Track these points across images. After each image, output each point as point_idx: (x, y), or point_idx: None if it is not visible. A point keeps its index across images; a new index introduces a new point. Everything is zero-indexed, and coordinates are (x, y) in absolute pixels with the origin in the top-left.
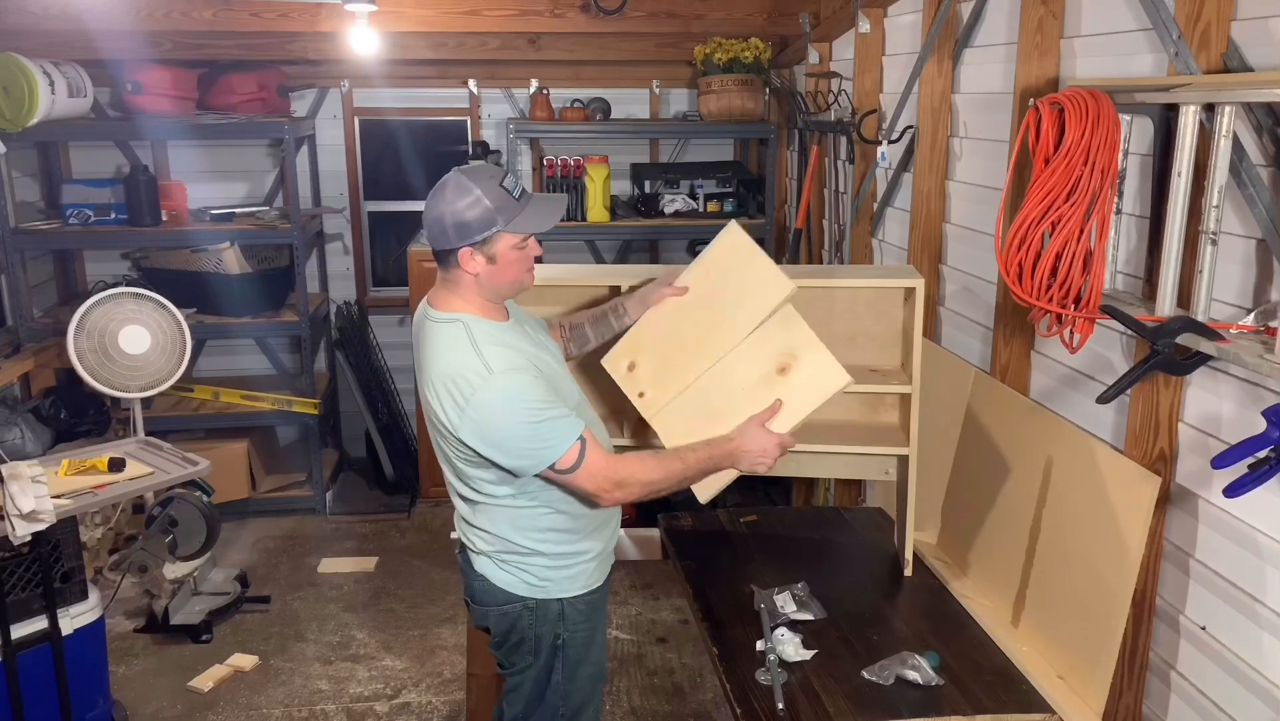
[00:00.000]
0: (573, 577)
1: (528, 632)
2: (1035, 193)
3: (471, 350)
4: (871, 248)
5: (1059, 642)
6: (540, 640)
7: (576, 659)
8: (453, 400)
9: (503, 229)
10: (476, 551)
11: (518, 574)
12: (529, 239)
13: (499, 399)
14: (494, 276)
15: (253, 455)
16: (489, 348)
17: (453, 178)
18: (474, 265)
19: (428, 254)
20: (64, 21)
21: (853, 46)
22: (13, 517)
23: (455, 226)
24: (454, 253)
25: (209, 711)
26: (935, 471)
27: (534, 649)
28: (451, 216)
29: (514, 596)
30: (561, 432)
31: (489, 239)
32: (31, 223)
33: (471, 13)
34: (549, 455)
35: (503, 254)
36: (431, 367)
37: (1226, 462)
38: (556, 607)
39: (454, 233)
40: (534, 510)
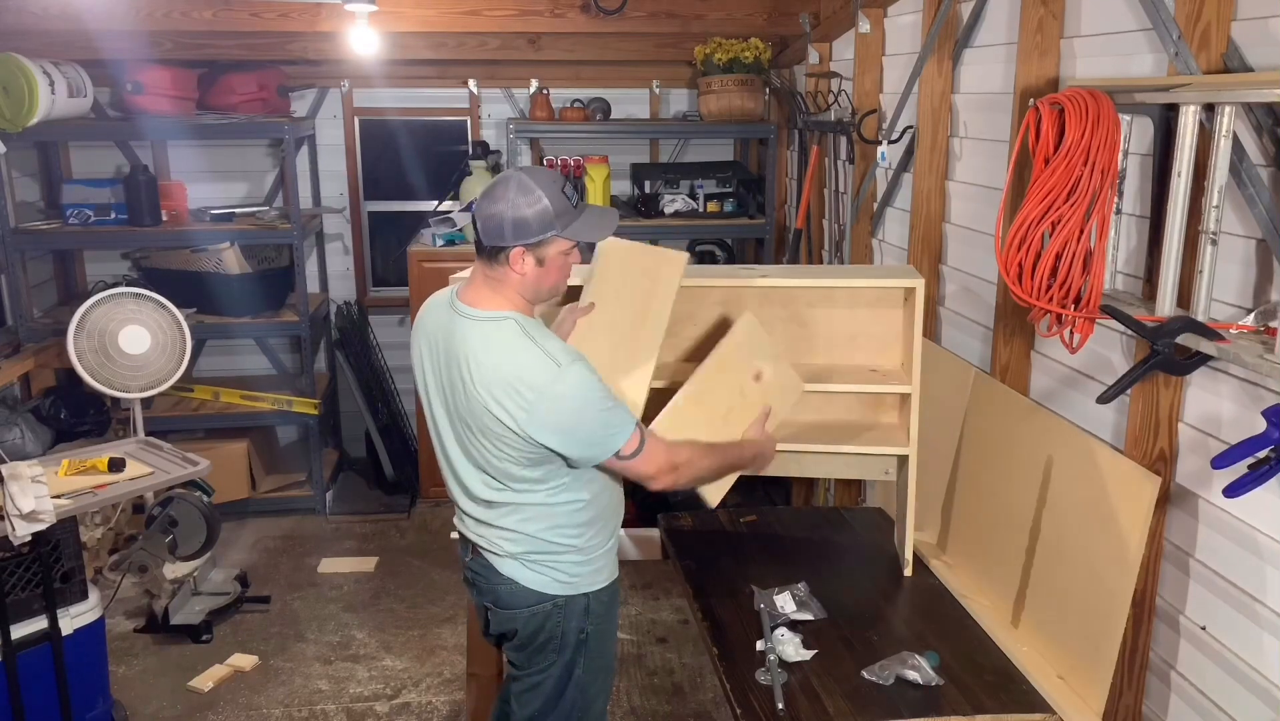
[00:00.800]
0: (598, 571)
1: (555, 631)
2: (1035, 193)
3: (534, 345)
4: (871, 248)
5: (1059, 642)
6: (566, 636)
7: (597, 652)
8: (520, 398)
9: (559, 233)
10: (502, 555)
11: (548, 572)
12: (575, 246)
13: (573, 390)
14: (539, 279)
15: (253, 455)
16: (549, 341)
17: (516, 176)
18: (523, 266)
19: (428, 254)
20: (64, 21)
21: (853, 46)
22: (13, 517)
23: (514, 224)
24: (506, 250)
25: (209, 711)
26: (935, 471)
27: (559, 646)
28: (512, 214)
29: (544, 596)
30: (625, 418)
31: (544, 241)
32: (31, 223)
33: (471, 13)
34: (618, 441)
35: (552, 258)
36: (485, 367)
37: (1226, 462)
38: (583, 602)
39: (511, 230)
40: (569, 507)
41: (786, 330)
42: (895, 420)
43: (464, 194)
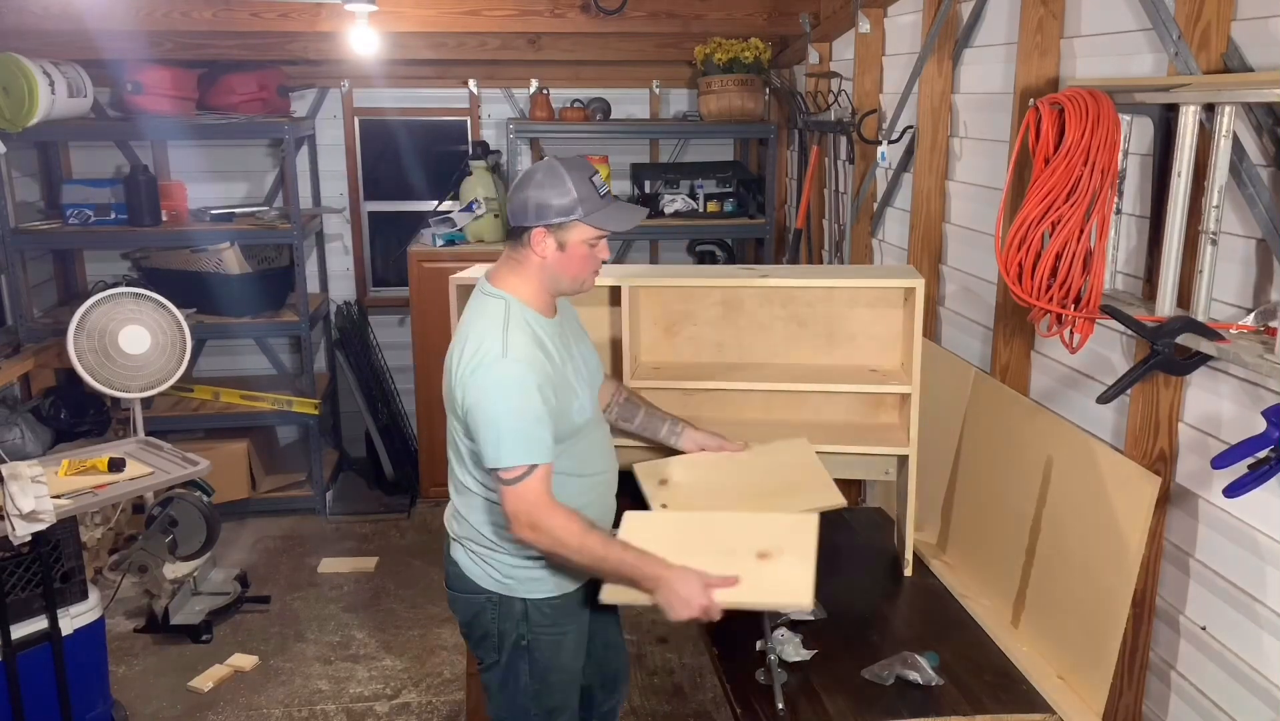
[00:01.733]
0: (537, 580)
1: (491, 627)
2: (1035, 193)
3: (500, 328)
4: (871, 248)
5: (1059, 642)
6: (504, 637)
7: (545, 663)
8: (466, 363)
9: (581, 218)
10: (454, 538)
11: (483, 566)
12: (601, 240)
13: (499, 382)
14: (559, 265)
15: (253, 455)
16: (516, 333)
17: (547, 162)
18: (544, 248)
19: (428, 254)
20: (64, 21)
21: (853, 46)
22: (13, 517)
23: (536, 206)
24: (528, 231)
25: (209, 711)
26: (935, 471)
27: (497, 645)
28: (536, 196)
29: (479, 588)
30: (526, 446)
31: (565, 225)
32: (31, 223)
33: (471, 13)
34: (503, 458)
35: (574, 245)
36: (461, 331)
37: (1226, 463)
38: (520, 607)
39: (534, 211)
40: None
41: (786, 330)
42: (895, 420)
43: (464, 194)
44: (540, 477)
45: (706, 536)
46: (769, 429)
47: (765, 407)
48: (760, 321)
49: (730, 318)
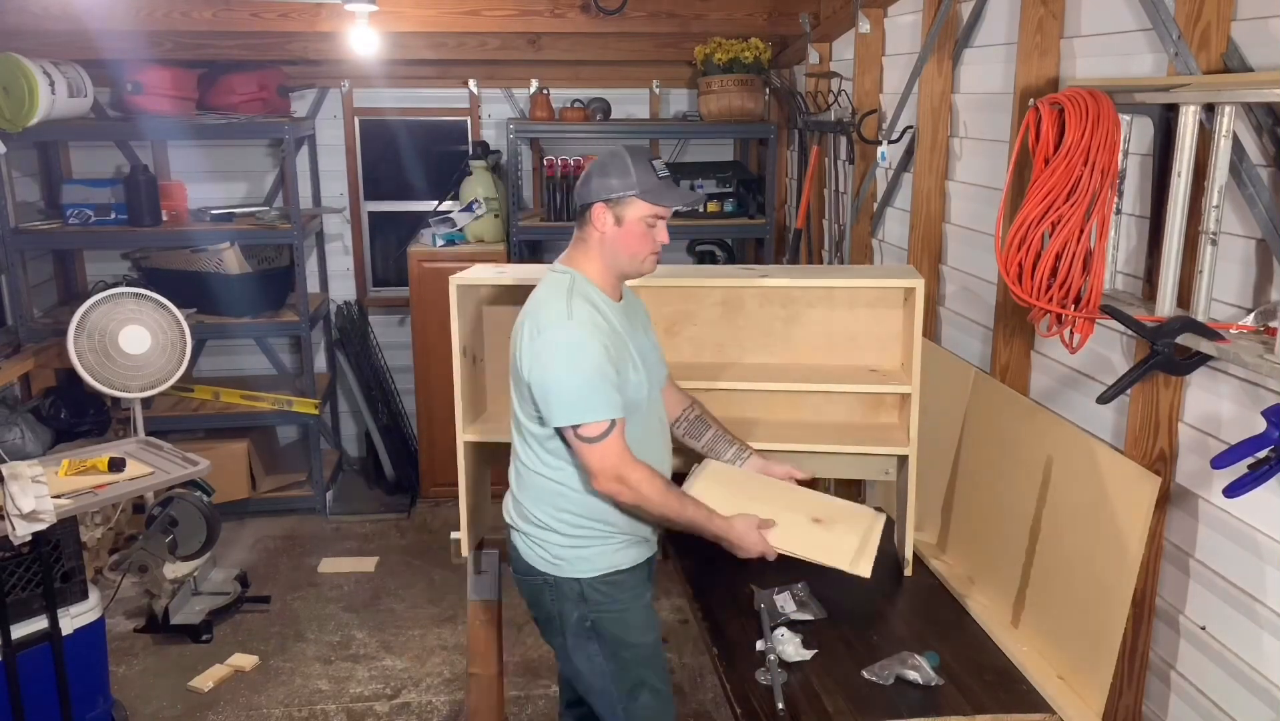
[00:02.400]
0: (587, 559)
1: (551, 609)
2: (1035, 193)
3: (564, 297)
4: (871, 248)
5: (1059, 642)
6: (564, 618)
7: (614, 641)
8: (528, 332)
9: (637, 195)
10: (510, 524)
11: (535, 548)
12: (659, 221)
13: (565, 343)
14: (618, 240)
15: (253, 455)
16: (579, 300)
17: (613, 149)
18: (603, 222)
19: (428, 254)
20: (64, 21)
21: (853, 46)
22: (13, 517)
23: (599, 184)
24: (590, 207)
25: (209, 711)
26: (935, 471)
27: (560, 627)
28: (599, 175)
29: (534, 570)
30: (604, 403)
31: (622, 200)
32: (31, 223)
33: (471, 13)
34: (583, 415)
35: (631, 221)
36: (526, 308)
37: (1226, 462)
38: (575, 587)
39: (596, 188)
40: (557, 486)
41: (786, 330)
42: (895, 420)
43: (464, 194)
44: (620, 432)
45: (771, 495)
46: (769, 429)
47: (765, 407)
48: (760, 321)
49: (730, 318)
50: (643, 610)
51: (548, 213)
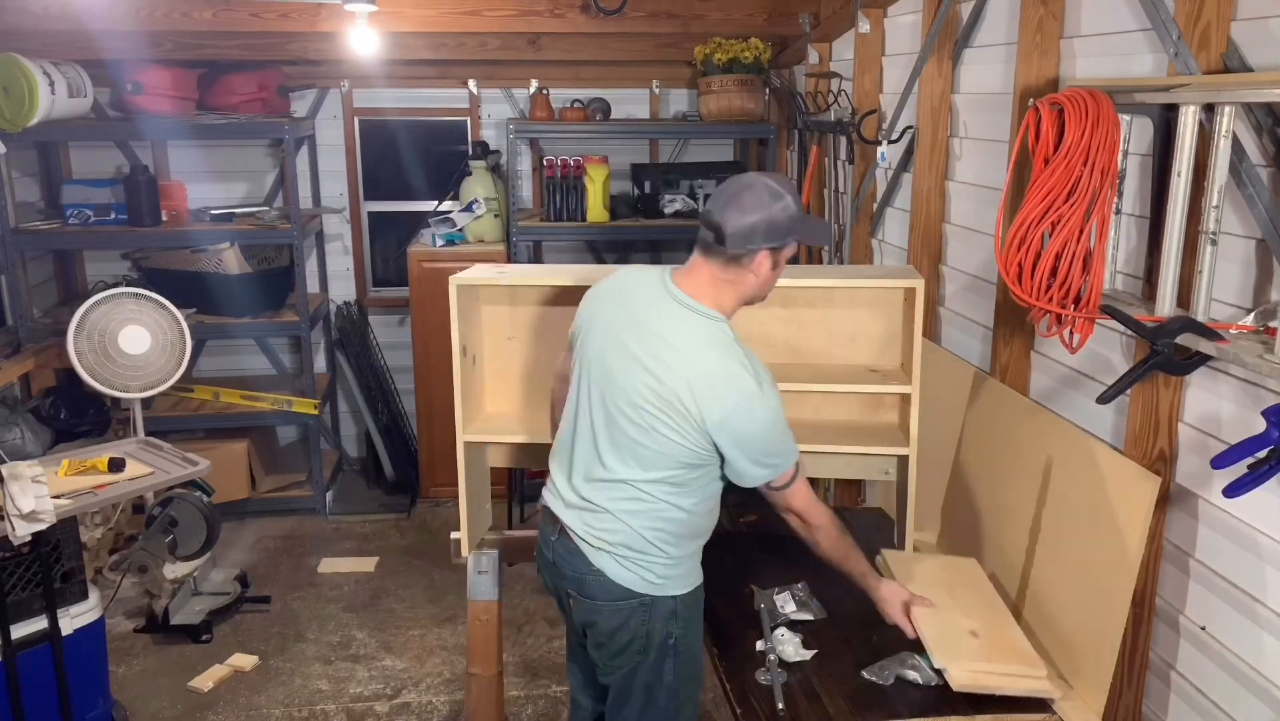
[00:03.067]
0: (685, 575)
1: (639, 630)
2: (1035, 193)
3: (744, 359)
4: (871, 248)
5: (1059, 642)
6: (650, 637)
7: (688, 656)
8: (720, 400)
9: (799, 237)
10: (597, 546)
11: (637, 571)
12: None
13: (768, 411)
14: (763, 284)
15: (253, 455)
16: (755, 361)
17: (761, 181)
18: (763, 268)
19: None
20: (64, 21)
21: (853, 46)
22: (13, 517)
23: (768, 226)
24: (754, 254)
25: (209, 711)
26: (935, 471)
27: (643, 646)
28: (767, 217)
29: (631, 593)
30: (793, 451)
31: (785, 246)
32: (31, 223)
33: (471, 13)
34: (781, 468)
35: (780, 263)
36: (691, 359)
37: (1226, 463)
38: (669, 605)
39: (764, 231)
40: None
41: (786, 330)
42: (895, 420)
43: (464, 194)
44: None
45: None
46: None
47: None
48: (760, 321)
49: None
50: (701, 627)
51: (547, 213)
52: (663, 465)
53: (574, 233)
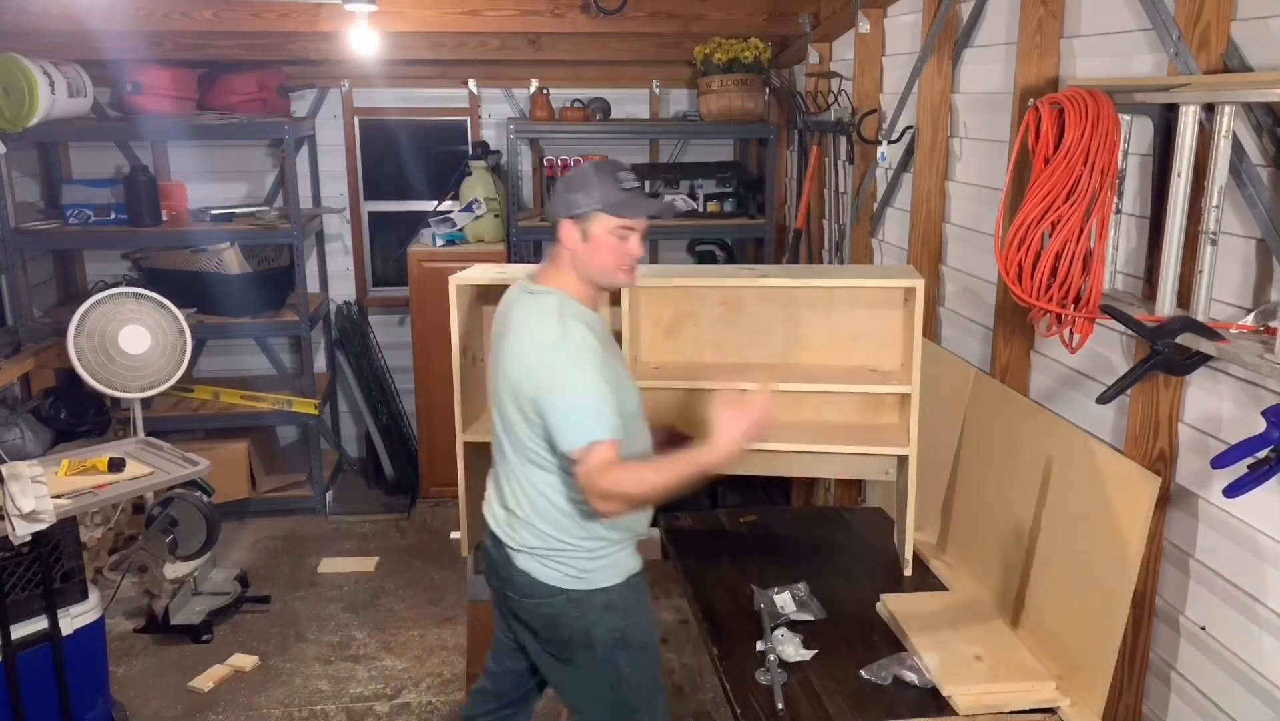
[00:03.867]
0: (610, 566)
1: (575, 625)
2: (1035, 193)
3: (557, 319)
4: (871, 248)
5: (1059, 642)
6: (591, 632)
7: (639, 646)
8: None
9: (600, 209)
10: (519, 549)
11: (556, 567)
12: (630, 233)
13: (567, 364)
14: (587, 256)
15: (253, 455)
16: (573, 322)
17: (579, 166)
18: (570, 239)
19: (428, 254)
20: (64, 21)
21: (853, 46)
22: (13, 517)
23: (564, 200)
24: (557, 225)
25: (209, 711)
26: (935, 471)
27: (586, 641)
28: (564, 192)
29: (555, 590)
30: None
31: (586, 215)
32: (31, 223)
33: (471, 13)
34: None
35: (598, 235)
36: (519, 335)
37: (1226, 462)
38: (601, 598)
39: (562, 205)
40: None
41: (786, 330)
42: (895, 420)
43: (464, 194)
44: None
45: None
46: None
47: None
48: (760, 321)
49: (730, 318)
50: (649, 618)
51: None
52: (531, 453)
53: None
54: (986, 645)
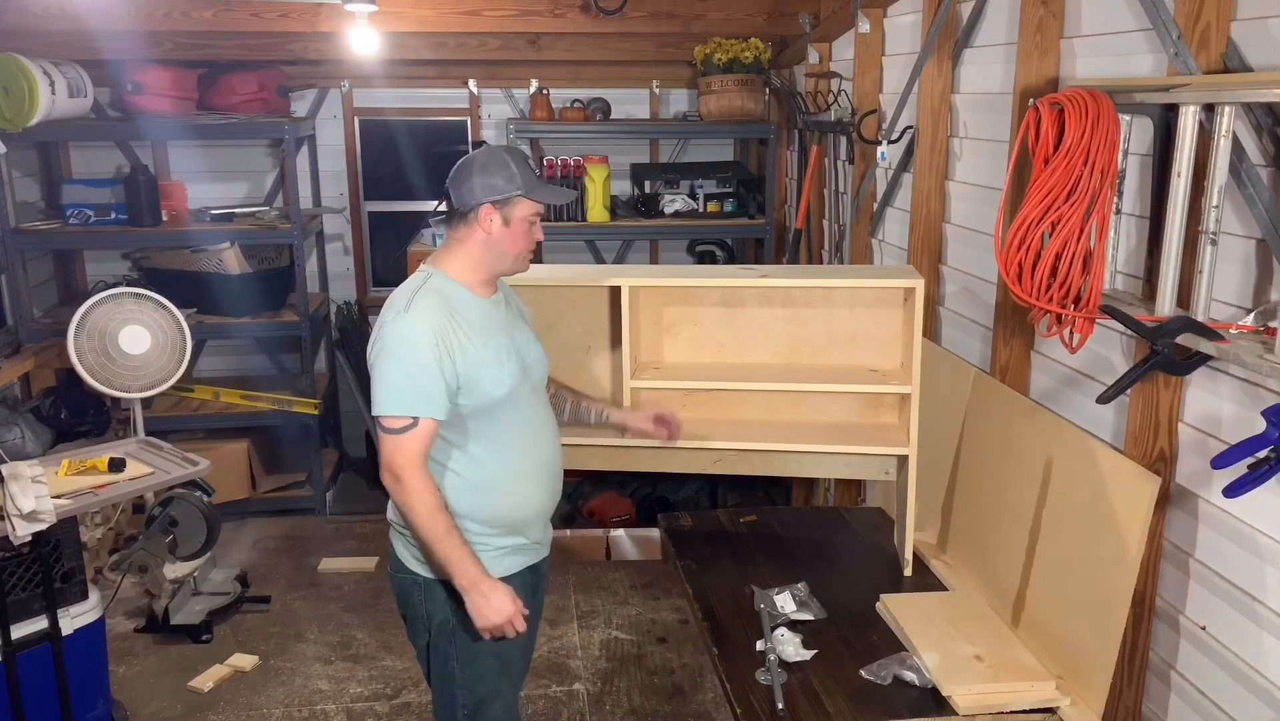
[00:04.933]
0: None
1: (420, 609)
2: (1035, 193)
3: (409, 294)
4: (871, 248)
5: (1059, 642)
6: (431, 618)
7: (471, 647)
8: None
9: (524, 194)
10: (391, 522)
11: (410, 549)
12: (538, 217)
13: (393, 334)
14: (504, 241)
15: (253, 455)
16: (425, 296)
17: (487, 149)
18: (491, 223)
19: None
20: (64, 21)
21: (853, 46)
22: (13, 517)
23: (483, 186)
24: (476, 209)
25: (209, 711)
26: (935, 471)
27: (425, 626)
28: (481, 176)
29: (406, 569)
30: (414, 398)
31: (510, 200)
32: (32, 223)
33: (471, 13)
34: (386, 406)
35: (517, 220)
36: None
37: (1226, 462)
38: (443, 591)
39: (481, 190)
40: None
41: (786, 330)
42: (895, 420)
43: None
44: (421, 435)
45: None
46: (769, 429)
47: (765, 408)
48: (760, 321)
49: (730, 318)
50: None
51: (548, 212)
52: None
53: (574, 232)
54: (986, 645)
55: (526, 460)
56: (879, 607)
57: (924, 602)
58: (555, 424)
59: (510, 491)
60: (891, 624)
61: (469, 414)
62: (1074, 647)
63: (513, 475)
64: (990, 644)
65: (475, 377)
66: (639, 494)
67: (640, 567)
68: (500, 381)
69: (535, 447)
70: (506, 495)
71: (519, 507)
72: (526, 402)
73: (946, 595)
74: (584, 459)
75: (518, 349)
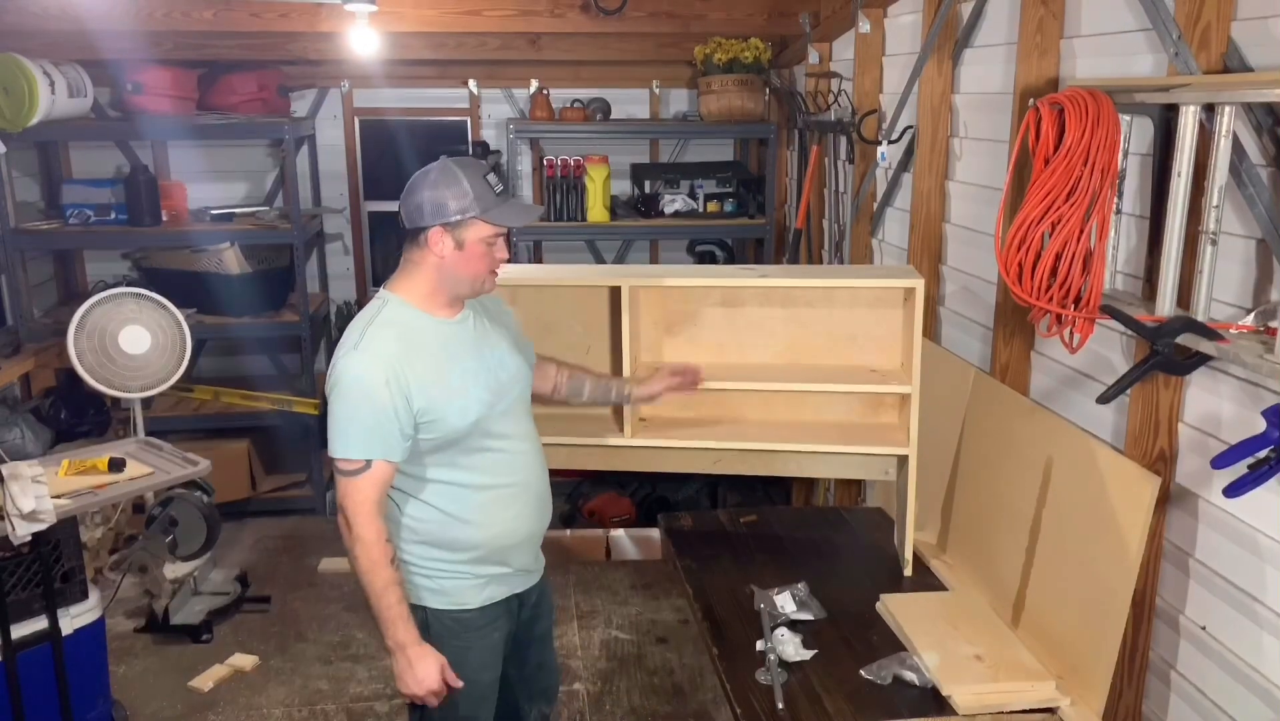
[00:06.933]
0: (435, 591)
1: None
2: (1035, 193)
3: (363, 326)
4: (871, 248)
5: (1059, 642)
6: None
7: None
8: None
9: (478, 215)
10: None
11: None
12: (498, 238)
13: (343, 372)
14: (457, 265)
15: (253, 455)
16: (378, 330)
17: (440, 164)
18: (442, 247)
19: None
20: (64, 21)
21: (853, 46)
22: (13, 517)
23: (433, 206)
24: (425, 231)
25: (209, 711)
26: (935, 471)
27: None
28: (431, 197)
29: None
30: (366, 440)
31: (462, 223)
32: (31, 223)
33: (471, 13)
34: (339, 448)
35: (472, 243)
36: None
37: (1226, 462)
38: (421, 615)
39: (430, 211)
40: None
41: (786, 330)
42: (895, 420)
43: None
44: (375, 478)
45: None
46: (769, 429)
47: (765, 407)
48: (760, 321)
49: (730, 318)
50: (488, 649)
51: (548, 212)
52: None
53: (574, 232)
54: (986, 645)
55: (503, 486)
56: (879, 607)
57: (924, 602)
58: (538, 440)
59: (486, 521)
60: (891, 624)
61: (436, 446)
62: (1074, 647)
63: (489, 503)
64: (990, 644)
65: (436, 411)
66: (639, 494)
67: (640, 567)
68: (465, 411)
69: (511, 471)
70: (482, 526)
71: (499, 537)
72: (502, 423)
73: (946, 595)
74: (584, 459)
75: (489, 369)
